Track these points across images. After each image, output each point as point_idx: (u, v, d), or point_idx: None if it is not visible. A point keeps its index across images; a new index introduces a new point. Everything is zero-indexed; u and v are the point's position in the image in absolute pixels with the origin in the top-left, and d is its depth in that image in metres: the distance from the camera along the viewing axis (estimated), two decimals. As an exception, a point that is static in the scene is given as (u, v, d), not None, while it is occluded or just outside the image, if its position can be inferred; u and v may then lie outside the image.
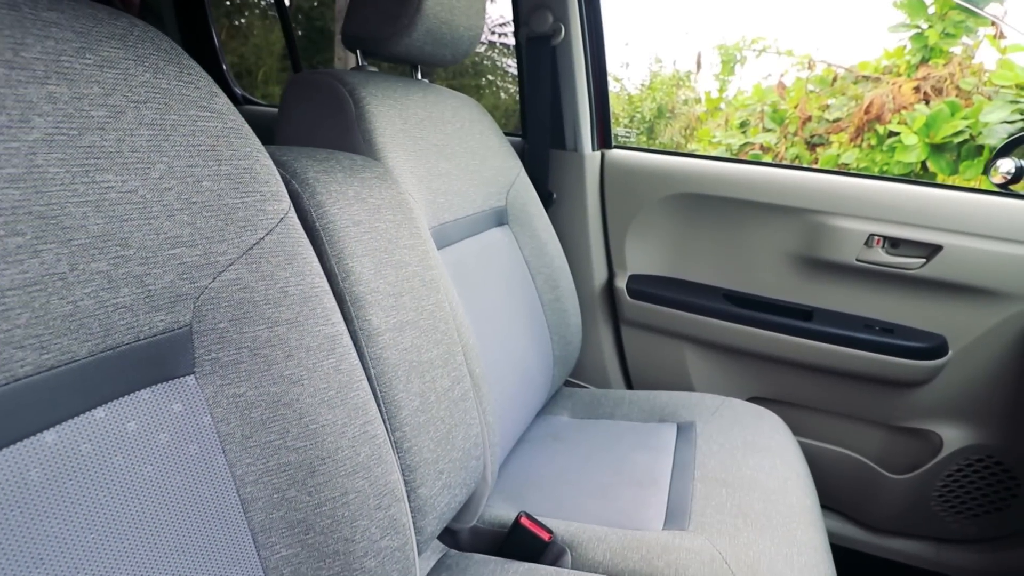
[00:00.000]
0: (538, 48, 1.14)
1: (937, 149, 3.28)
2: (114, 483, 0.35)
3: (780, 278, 1.15)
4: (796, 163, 3.81)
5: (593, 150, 1.23)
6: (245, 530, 0.41)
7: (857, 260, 1.06)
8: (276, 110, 0.80)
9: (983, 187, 1.13)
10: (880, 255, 1.04)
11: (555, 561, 0.72)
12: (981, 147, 3.02)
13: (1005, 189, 1.17)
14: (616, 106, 4.50)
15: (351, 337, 0.51)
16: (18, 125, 0.31)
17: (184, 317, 0.39)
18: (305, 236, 0.47)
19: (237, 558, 0.40)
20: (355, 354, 0.49)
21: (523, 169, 1.09)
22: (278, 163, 0.50)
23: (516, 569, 0.68)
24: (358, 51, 0.82)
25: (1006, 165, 1.16)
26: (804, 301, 1.13)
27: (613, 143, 1.26)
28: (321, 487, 0.43)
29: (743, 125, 4.09)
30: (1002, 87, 3.16)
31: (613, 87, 4.41)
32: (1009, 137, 1.24)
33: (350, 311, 0.53)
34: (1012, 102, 3.11)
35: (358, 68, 0.83)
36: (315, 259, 0.47)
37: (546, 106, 1.18)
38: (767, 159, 3.82)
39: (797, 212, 1.09)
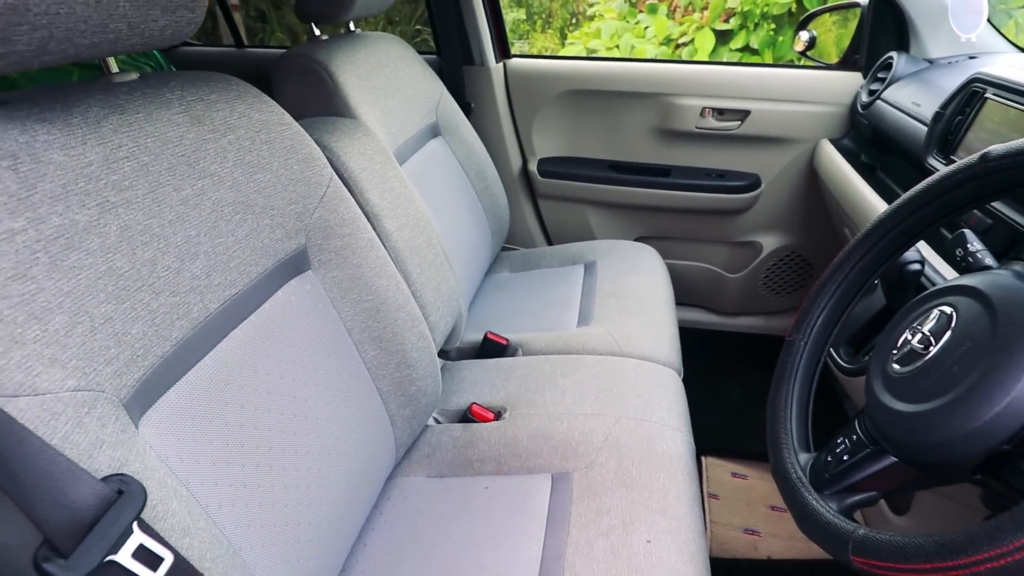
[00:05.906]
0: None
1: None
2: (296, 323, 0.71)
3: (647, 147, 1.54)
4: (691, 8, 4.07)
5: (496, 62, 1.52)
6: (351, 343, 0.79)
7: (696, 127, 1.46)
8: (265, 50, 1.05)
9: (786, 60, 1.51)
10: (711, 122, 1.45)
11: (513, 355, 1.16)
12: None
13: (804, 55, 1.56)
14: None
15: (378, 238, 0.86)
16: (221, 159, 0.63)
17: (302, 241, 0.73)
18: (342, 183, 0.81)
19: (350, 357, 0.79)
20: (383, 247, 0.84)
21: (444, 87, 1.38)
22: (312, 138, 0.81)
23: (489, 362, 1.12)
24: (312, 24, 1.07)
25: (805, 36, 1.55)
26: (664, 162, 1.54)
27: (511, 53, 1.55)
28: (383, 318, 0.81)
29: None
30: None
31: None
32: (807, 13, 1.62)
33: (373, 223, 0.88)
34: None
35: (315, 39, 1.08)
36: (350, 196, 0.81)
37: (454, 29, 1.45)
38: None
39: (653, 96, 1.46)
